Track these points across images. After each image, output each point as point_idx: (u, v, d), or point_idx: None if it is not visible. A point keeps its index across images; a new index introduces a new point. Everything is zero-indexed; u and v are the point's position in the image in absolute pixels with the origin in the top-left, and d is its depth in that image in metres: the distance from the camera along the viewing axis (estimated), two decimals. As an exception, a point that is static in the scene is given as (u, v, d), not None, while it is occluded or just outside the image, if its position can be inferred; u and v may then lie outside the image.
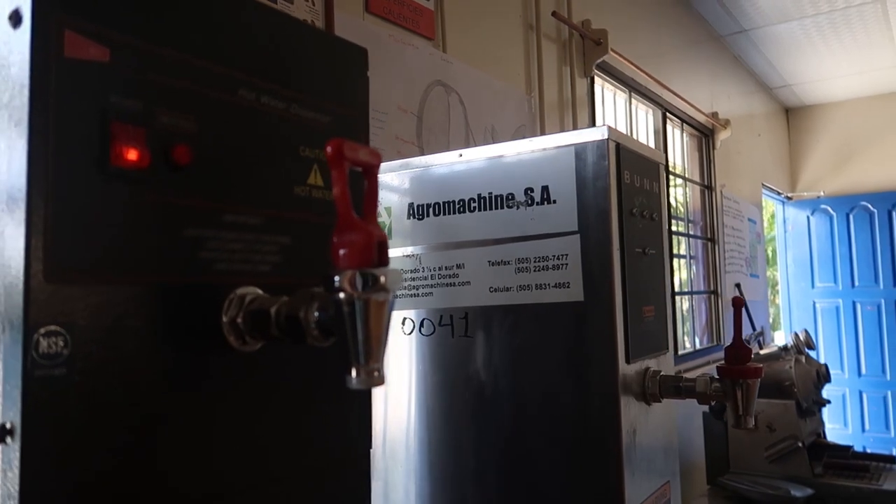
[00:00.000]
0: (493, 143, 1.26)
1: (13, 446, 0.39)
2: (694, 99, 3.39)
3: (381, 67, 1.46)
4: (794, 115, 5.12)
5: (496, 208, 0.91)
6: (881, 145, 4.77)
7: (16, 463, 0.39)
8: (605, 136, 0.83)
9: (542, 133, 2.17)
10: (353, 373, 0.45)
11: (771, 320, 4.76)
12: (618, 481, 0.81)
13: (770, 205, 5.07)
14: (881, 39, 3.83)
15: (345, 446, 0.61)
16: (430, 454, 0.94)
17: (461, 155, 0.93)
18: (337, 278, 0.44)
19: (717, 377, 0.85)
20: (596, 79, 2.69)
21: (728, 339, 3.25)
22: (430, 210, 0.96)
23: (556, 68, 2.44)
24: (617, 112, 2.96)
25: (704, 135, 3.72)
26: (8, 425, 0.40)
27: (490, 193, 0.91)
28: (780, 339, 4.70)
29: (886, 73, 4.40)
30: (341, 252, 0.45)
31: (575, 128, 2.45)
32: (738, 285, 3.78)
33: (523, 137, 0.99)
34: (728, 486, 2.33)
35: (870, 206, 4.64)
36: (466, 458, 0.92)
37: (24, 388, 0.39)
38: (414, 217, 0.94)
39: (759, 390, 2.48)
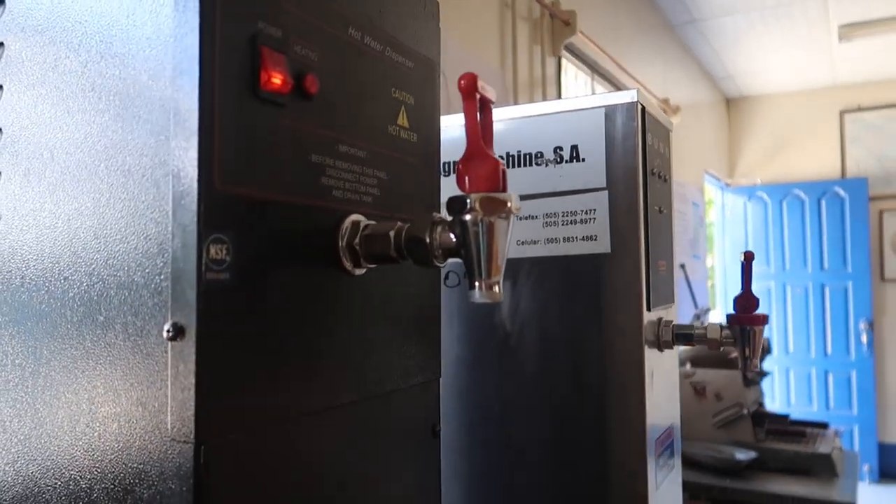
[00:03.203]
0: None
1: (186, 344, 0.42)
2: (649, 84, 3.52)
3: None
4: (734, 106, 5.36)
5: (525, 166, 0.96)
6: (814, 137, 5.06)
7: (190, 358, 0.42)
8: (635, 99, 0.89)
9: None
10: (477, 288, 0.49)
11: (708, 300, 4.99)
12: (641, 422, 0.88)
13: (707, 191, 5.30)
14: (819, 35, 4.06)
15: (425, 367, 0.65)
16: (455, 399, 0.99)
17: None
18: (469, 200, 0.48)
19: (726, 325, 0.93)
20: (562, 59, 2.77)
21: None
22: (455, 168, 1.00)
23: (528, 47, 2.50)
24: (579, 94, 3.05)
25: (656, 120, 3.85)
26: (180, 324, 0.42)
27: (519, 152, 0.96)
28: (716, 317, 4.93)
29: (821, 68, 4.66)
30: (471, 177, 0.49)
31: (546, 106, 2.51)
32: (682, 266, 3.96)
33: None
34: (682, 449, 2.46)
35: (802, 194, 4.92)
36: (491, 402, 0.98)
37: (198, 290, 0.42)
38: (443, 174, 0.98)
39: (708, 362, 2.63)
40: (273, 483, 0.48)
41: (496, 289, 0.49)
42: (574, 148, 0.93)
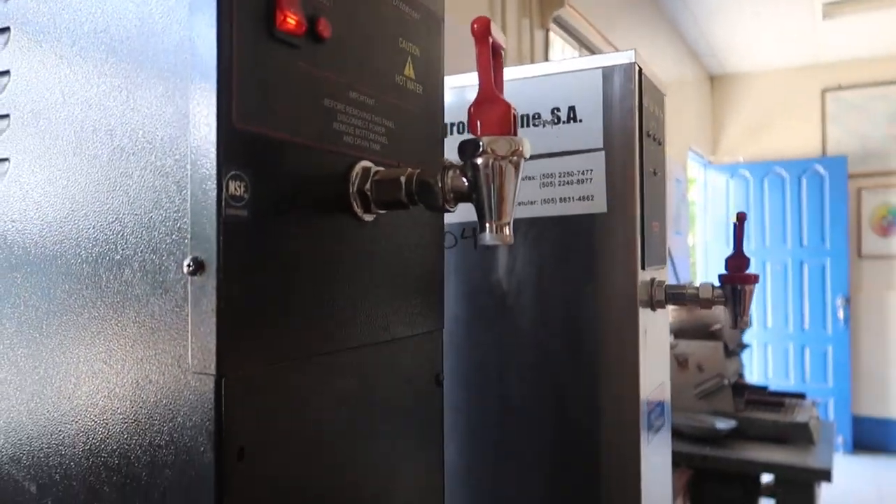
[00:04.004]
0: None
1: (207, 278, 0.43)
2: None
3: None
4: (718, 83, 5.39)
5: (522, 127, 0.96)
6: (796, 116, 5.10)
7: (211, 292, 0.43)
8: (633, 60, 0.90)
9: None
10: (487, 230, 0.51)
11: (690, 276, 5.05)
12: (635, 379, 0.90)
13: (690, 168, 5.34)
14: (803, 13, 4.08)
15: (429, 317, 0.66)
16: (452, 356, 1.00)
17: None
18: (481, 143, 0.49)
19: (718, 285, 0.95)
20: (550, 32, 2.76)
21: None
22: (455, 128, 1.01)
23: (517, 19, 2.50)
24: (567, 67, 3.05)
25: (642, 96, 3.87)
26: (201, 259, 0.43)
27: (516, 113, 0.97)
28: (697, 294, 4.98)
29: (804, 46, 4.69)
30: (483, 120, 0.50)
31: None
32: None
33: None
34: (665, 418, 2.51)
35: (783, 171, 4.97)
36: (487, 359, 0.99)
37: (218, 225, 0.42)
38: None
39: (690, 334, 2.67)
40: (288, 419, 0.49)
41: (507, 230, 0.50)
42: (571, 109, 0.94)
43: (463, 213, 0.98)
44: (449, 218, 1.01)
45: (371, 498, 0.57)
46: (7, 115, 0.54)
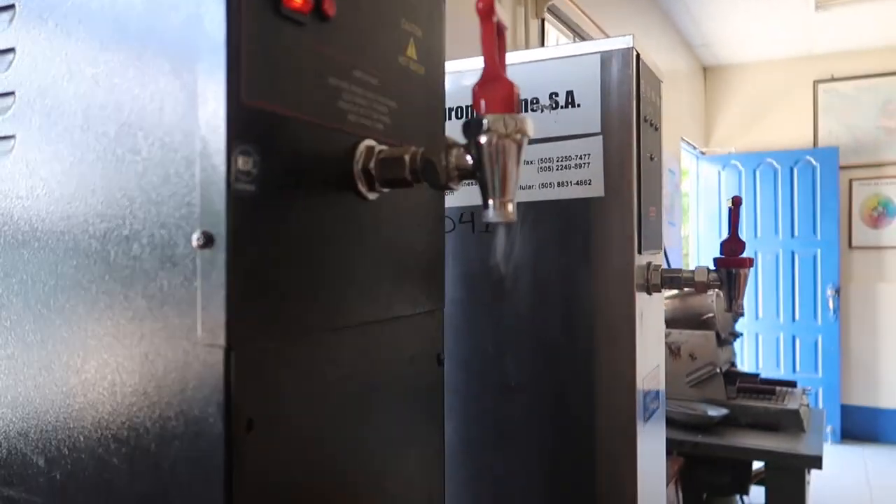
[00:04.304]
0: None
1: (216, 251, 0.43)
2: (630, 50, 3.53)
3: None
4: (711, 74, 5.40)
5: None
6: (788, 107, 5.12)
7: (220, 265, 0.43)
8: (631, 45, 0.91)
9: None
10: (491, 207, 0.51)
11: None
12: (631, 361, 0.92)
13: (683, 159, 5.36)
14: (796, 4, 4.09)
15: (430, 297, 0.67)
16: (450, 338, 1.01)
17: (486, 61, 0.98)
18: (485, 121, 0.49)
19: (713, 269, 0.96)
20: (545, 22, 2.77)
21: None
22: (453, 114, 1.01)
23: (512, 8, 2.50)
24: (562, 57, 3.05)
25: (636, 86, 3.88)
26: (210, 233, 0.44)
27: (514, 98, 0.97)
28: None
29: (797, 37, 4.71)
30: (487, 99, 0.50)
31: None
32: (658, 231, 4.02)
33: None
34: (657, 405, 2.53)
35: (774, 162, 5.00)
36: (485, 342, 1.00)
37: (227, 199, 0.43)
38: (438, 119, 0.99)
39: (683, 323, 2.69)
40: (295, 393, 0.49)
41: (510, 207, 0.51)
42: (569, 94, 0.94)
43: (461, 198, 0.99)
44: (447, 202, 1.02)
45: (375, 472, 0.58)
46: (12, 93, 0.54)
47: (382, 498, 0.59)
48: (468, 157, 0.52)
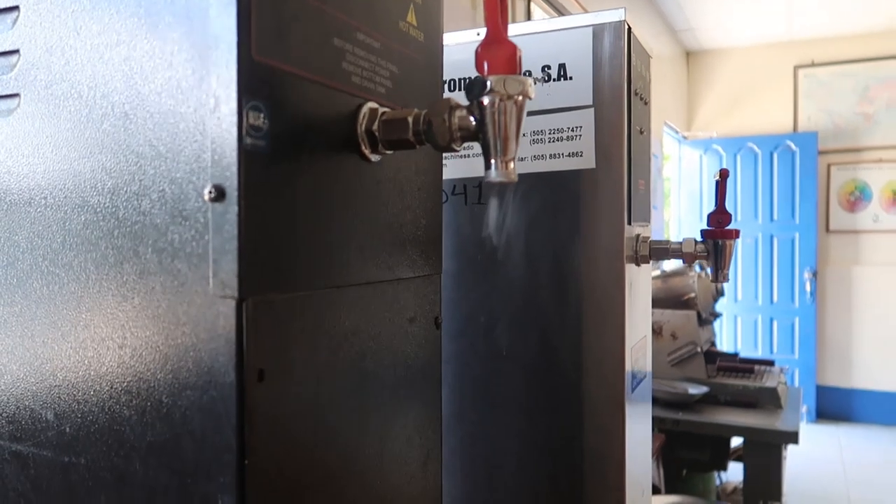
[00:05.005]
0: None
1: (228, 204, 0.44)
2: (614, 32, 3.54)
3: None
4: (693, 59, 5.44)
5: (513, 84, 0.98)
6: (769, 92, 5.18)
7: (232, 218, 0.44)
8: (623, 18, 0.92)
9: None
10: (493, 167, 0.53)
11: (663, 250, 5.13)
12: (621, 331, 0.94)
13: (665, 144, 5.41)
14: (779, -11, 4.13)
15: (428, 261, 0.68)
16: (442, 309, 1.03)
17: (479, 34, 0.99)
18: (489, 82, 0.51)
19: (700, 240, 0.98)
20: (531, 2, 2.77)
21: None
22: (446, 86, 1.02)
23: (499, -13, 2.49)
24: (547, 38, 3.06)
25: (620, 69, 3.89)
26: (222, 186, 0.44)
27: (507, 71, 0.98)
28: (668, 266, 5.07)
29: (778, 22, 4.75)
30: (490, 61, 0.51)
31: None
32: (641, 214, 4.05)
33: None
34: (640, 383, 2.57)
35: (755, 147, 5.06)
36: (476, 313, 1.02)
37: (239, 152, 0.44)
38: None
39: (665, 303, 2.73)
40: (303, 347, 0.51)
41: (511, 165, 0.52)
42: (562, 66, 0.95)
43: (454, 170, 1.00)
44: (440, 174, 1.03)
45: (377, 428, 0.60)
46: (17, 51, 0.54)
47: (383, 454, 0.61)
48: (471, 118, 0.53)
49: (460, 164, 1.01)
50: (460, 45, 0.97)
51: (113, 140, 0.50)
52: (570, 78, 0.95)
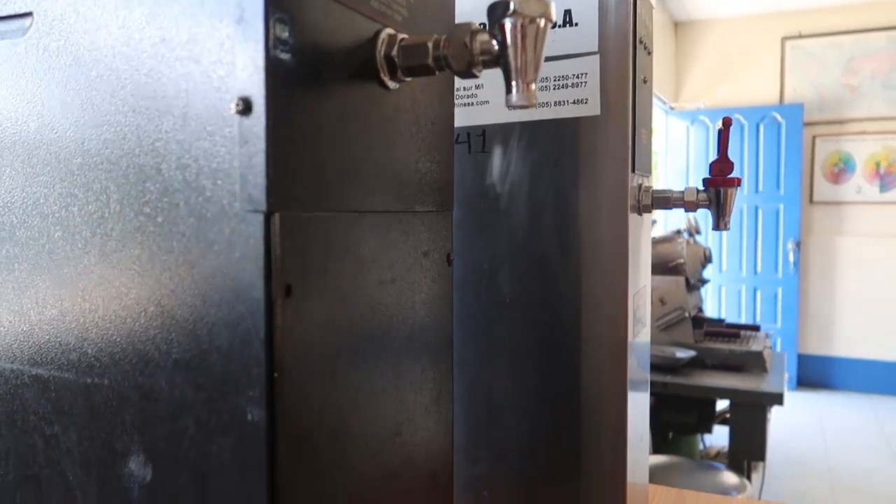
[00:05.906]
0: None
1: (255, 117, 0.44)
2: None
3: None
4: (681, 29, 5.43)
5: (518, 31, 0.98)
6: (755, 63, 5.19)
7: (260, 131, 0.44)
8: (629, -37, 0.92)
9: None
10: (515, 91, 0.53)
11: (650, 221, 5.16)
12: (623, 277, 0.95)
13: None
14: (769, -42, 4.12)
15: (441, 198, 0.69)
16: (446, 260, 1.03)
17: (483, -20, 0.98)
18: (512, 3, 0.51)
19: (702, 188, 0.99)
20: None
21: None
22: (450, 33, 1.01)
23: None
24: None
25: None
26: (249, 99, 0.44)
27: (512, 17, 0.98)
28: (657, 232, 5.12)
29: (767, -7, 4.75)
30: (513, -18, 0.51)
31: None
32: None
33: None
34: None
35: (742, 118, 5.08)
36: (479, 261, 1.02)
37: (266, 64, 0.44)
38: (435, 38, 0.99)
39: (654, 269, 2.76)
40: (327, 267, 0.51)
41: (533, 87, 0.53)
42: (567, 13, 0.95)
43: (457, 119, 0.99)
44: (443, 123, 1.03)
45: (395, 352, 0.60)
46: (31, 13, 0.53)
47: (399, 381, 0.61)
48: (493, 42, 0.53)
49: (463, 112, 1.01)
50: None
51: (132, 57, 0.49)
52: (576, 24, 0.95)
